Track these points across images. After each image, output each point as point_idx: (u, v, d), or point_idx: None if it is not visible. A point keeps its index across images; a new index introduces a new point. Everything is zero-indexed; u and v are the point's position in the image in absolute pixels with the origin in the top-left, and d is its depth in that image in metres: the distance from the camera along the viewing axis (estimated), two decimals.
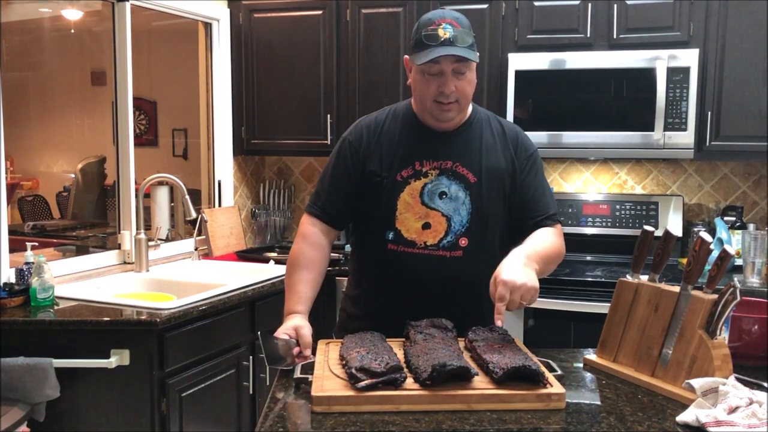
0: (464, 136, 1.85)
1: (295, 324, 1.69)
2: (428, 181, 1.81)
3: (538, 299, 3.01)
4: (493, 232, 1.84)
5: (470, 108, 1.89)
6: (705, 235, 1.51)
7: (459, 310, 1.78)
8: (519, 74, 3.26)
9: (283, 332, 1.68)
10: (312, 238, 1.87)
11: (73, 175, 5.63)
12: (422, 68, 1.75)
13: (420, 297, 1.80)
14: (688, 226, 3.44)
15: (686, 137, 3.09)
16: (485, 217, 1.82)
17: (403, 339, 1.67)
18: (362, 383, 1.38)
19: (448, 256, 1.79)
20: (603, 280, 3.02)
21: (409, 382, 1.42)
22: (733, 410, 1.29)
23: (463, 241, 1.80)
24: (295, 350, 1.65)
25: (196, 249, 3.46)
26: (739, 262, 3.05)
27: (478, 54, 1.78)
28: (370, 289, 1.91)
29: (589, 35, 3.24)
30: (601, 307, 2.65)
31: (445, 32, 1.70)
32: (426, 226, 1.80)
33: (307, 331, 1.68)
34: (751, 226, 3.22)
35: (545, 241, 1.78)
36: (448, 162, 1.82)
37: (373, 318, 1.82)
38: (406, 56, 1.83)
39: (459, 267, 1.79)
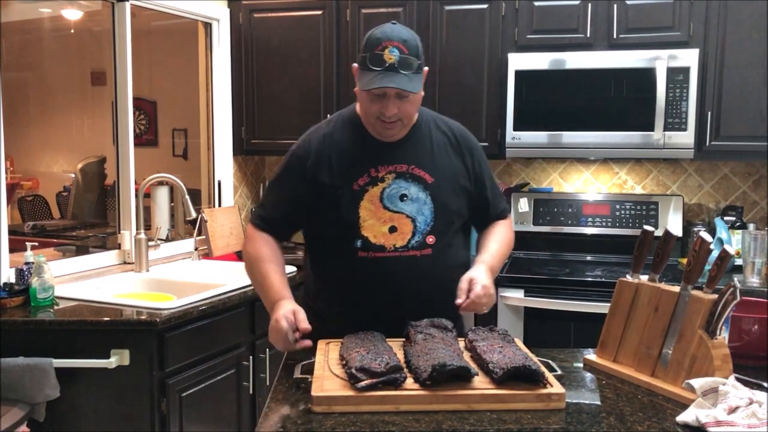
0: (414, 139, 1.87)
1: (293, 308, 1.69)
2: (386, 185, 1.81)
3: (539, 299, 3.05)
4: (456, 227, 1.89)
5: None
6: (705, 235, 1.51)
7: (434, 308, 1.80)
8: (519, 74, 3.26)
9: (284, 317, 1.66)
10: (265, 239, 1.88)
11: (73, 175, 5.62)
12: (360, 87, 1.77)
13: (396, 299, 1.80)
14: (688, 226, 3.44)
15: (686, 137, 3.09)
16: (448, 213, 1.85)
17: (403, 339, 1.67)
18: (362, 383, 1.38)
19: (418, 255, 1.81)
20: (603, 280, 3.02)
21: (409, 382, 1.42)
22: (733, 410, 1.29)
23: (431, 239, 1.82)
24: (296, 334, 1.65)
25: (196, 249, 3.46)
26: (739, 262, 3.05)
27: (424, 70, 1.78)
28: (344, 301, 1.86)
29: (589, 35, 3.24)
30: (601, 307, 2.65)
31: (390, 56, 1.70)
32: (392, 229, 1.81)
33: (303, 315, 1.68)
34: (751, 226, 3.22)
35: (502, 245, 1.95)
36: (403, 165, 1.83)
37: (353, 329, 1.78)
38: (354, 65, 1.82)
39: (430, 264, 1.82)
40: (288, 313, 1.66)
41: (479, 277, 1.75)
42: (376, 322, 1.73)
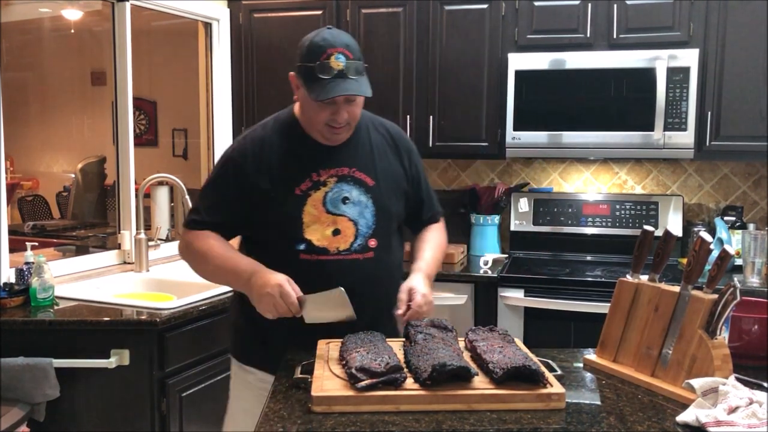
0: (354, 142, 1.87)
1: (286, 277, 1.67)
2: (328, 189, 1.81)
3: (539, 299, 3.05)
4: (394, 229, 1.92)
5: None
6: (705, 235, 1.51)
7: (375, 310, 1.81)
8: (519, 74, 3.26)
9: (287, 282, 1.66)
10: (208, 233, 1.83)
11: (73, 175, 5.63)
12: (312, 98, 1.74)
13: None
14: (688, 226, 3.44)
15: (686, 137, 3.09)
16: (388, 216, 1.87)
17: (403, 339, 1.67)
18: (362, 383, 1.38)
19: (361, 258, 1.81)
20: (603, 280, 3.02)
21: (409, 382, 1.42)
22: (733, 410, 1.29)
23: (373, 242, 1.83)
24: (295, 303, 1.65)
25: None
26: (739, 262, 3.05)
27: (367, 70, 1.79)
28: None
29: (589, 35, 3.24)
30: (601, 307, 2.65)
31: (338, 63, 1.70)
32: (336, 232, 1.80)
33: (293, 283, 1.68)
34: (751, 226, 3.23)
35: (437, 251, 1.97)
36: (344, 168, 1.83)
37: (293, 334, 1.77)
38: (291, 73, 1.81)
39: (372, 267, 1.83)
40: (285, 278, 1.66)
41: (418, 286, 1.77)
42: (319, 325, 1.72)
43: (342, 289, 1.65)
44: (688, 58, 3.06)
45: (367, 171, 1.85)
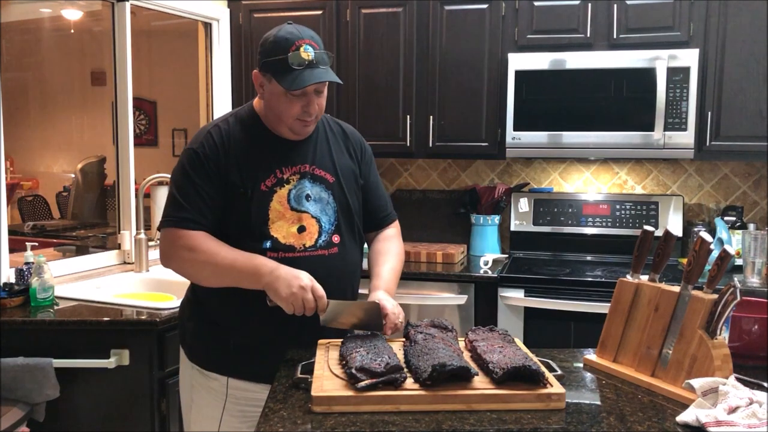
0: (313, 139, 1.89)
1: (305, 272, 1.67)
2: (291, 186, 1.82)
3: (539, 299, 3.05)
4: (356, 224, 1.95)
5: None
6: (705, 235, 1.51)
7: None
8: (519, 74, 3.26)
9: (308, 279, 1.66)
10: (205, 234, 1.77)
11: (73, 175, 5.63)
12: (285, 89, 1.73)
13: None
14: (688, 226, 3.44)
15: (686, 137, 3.09)
16: (349, 212, 1.90)
17: (403, 339, 1.68)
18: (362, 383, 1.38)
19: (326, 254, 1.84)
20: (603, 280, 3.02)
21: (409, 382, 1.42)
22: (733, 410, 1.29)
23: (336, 238, 1.86)
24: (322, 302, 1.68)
25: None
26: (739, 262, 3.05)
27: (333, 60, 1.82)
28: (250, 305, 1.76)
29: (589, 35, 3.24)
30: (601, 307, 2.65)
31: (307, 53, 1.72)
32: (301, 229, 1.81)
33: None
34: (751, 226, 3.23)
35: (395, 264, 1.96)
36: (305, 166, 1.85)
37: (260, 334, 1.79)
38: (255, 71, 1.81)
39: (338, 262, 1.85)
40: (305, 276, 1.67)
41: (383, 297, 1.79)
42: (286, 324, 1.72)
43: (379, 304, 1.72)
44: (688, 58, 3.06)
45: (326, 168, 1.88)
